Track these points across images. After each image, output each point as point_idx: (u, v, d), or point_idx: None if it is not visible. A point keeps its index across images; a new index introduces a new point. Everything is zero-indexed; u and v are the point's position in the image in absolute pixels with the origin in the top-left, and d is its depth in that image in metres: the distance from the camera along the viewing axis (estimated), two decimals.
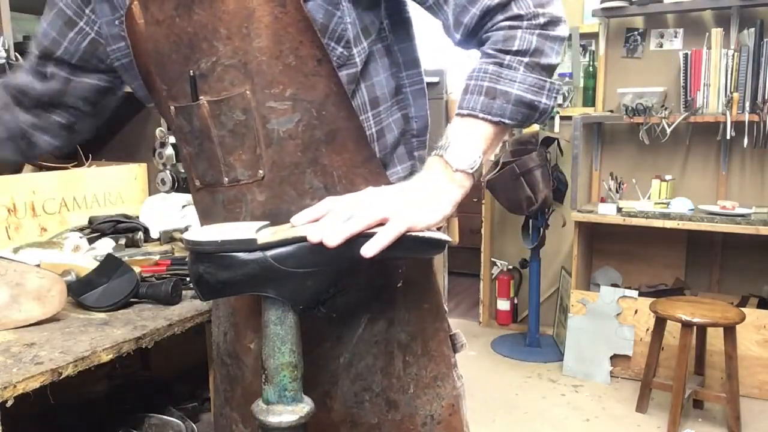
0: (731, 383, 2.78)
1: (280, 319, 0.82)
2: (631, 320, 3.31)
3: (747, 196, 3.47)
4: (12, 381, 0.99)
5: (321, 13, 0.87)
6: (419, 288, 1.02)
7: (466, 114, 0.86)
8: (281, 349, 0.82)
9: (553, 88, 0.88)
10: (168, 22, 0.90)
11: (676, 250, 3.69)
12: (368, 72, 0.94)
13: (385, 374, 1.00)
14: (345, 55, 0.90)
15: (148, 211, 2.11)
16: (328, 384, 1.00)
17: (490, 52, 0.87)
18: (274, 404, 0.83)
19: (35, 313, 1.22)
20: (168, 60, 0.93)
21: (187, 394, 1.81)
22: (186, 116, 0.95)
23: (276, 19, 0.85)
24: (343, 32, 0.89)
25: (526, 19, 0.86)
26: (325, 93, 0.89)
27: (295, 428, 0.83)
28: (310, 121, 0.89)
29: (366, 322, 0.99)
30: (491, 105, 0.85)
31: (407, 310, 1.01)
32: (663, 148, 3.57)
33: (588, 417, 3.00)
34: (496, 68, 0.85)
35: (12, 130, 1.16)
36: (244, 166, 0.92)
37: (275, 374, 0.83)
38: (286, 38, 0.86)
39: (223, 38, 0.87)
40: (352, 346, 0.99)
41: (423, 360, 1.02)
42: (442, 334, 1.05)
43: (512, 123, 0.86)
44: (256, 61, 0.87)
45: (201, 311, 1.34)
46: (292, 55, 0.87)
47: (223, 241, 0.78)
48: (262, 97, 0.88)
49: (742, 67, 3.24)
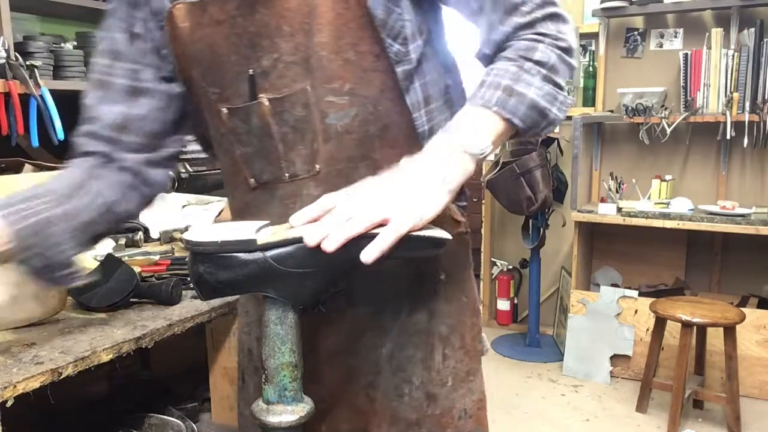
0: (731, 383, 2.78)
1: (280, 319, 0.82)
2: (631, 320, 3.31)
3: (747, 196, 3.47)
4: (12, 381, 0.99)
5: (381, 9, 0.89)
6: (458, 280, 1.04)
7: (479, 104, 0.86)
8: (281, 349, 0.82)
9: (565, 102, 0.90)
10: (229, 23, 0.90)
11: (676, 250, 3.70)
12: (422, 70, 0.96)
13: (425, 367, 1.00)
14: (402, 52, 0.92)
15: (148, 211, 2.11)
16: (372, 374, 1.01)
17: (511, 56, 0.89)
18: (274, 404, 0.83)
19: (35, 313, 1.22)
20: (225, 61, 0.92)
21: (187, 394, 1.81)
22: (242, 116, 0.94)
23: (338, 15, 0.87)
24: (401, 29, 0.91)
25: (549, 38, 0.90)
26: (380, 88, 0.91)
27: (295, 428, 0.82)
28: (366, 116, 0.91)
29: (407, 311, 0.99)
30: (506, 101, 0.86)
31: (447, 302, 1.02)
32: (663, 148, 3.57)
33: (588, 417, 3.00)
34: (517, 70, 0.87)
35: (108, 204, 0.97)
36: (303, 161, 0.93)
37: (275, 374, 0.83)
38: (347, 33, 0.88)
39: (285, 35, 0.88)
40: (394, 336, 1.00)
41: (459, 353, 1.03)
42: (477, 329, 1.06)
43: (521, 125, 0.87)
44: (317, 57, 0.88)
45: (201, 311, 1.34)
46: (351, 51, 0.88)
47: (223, 242, 0.78)
48: (322, 92, 0.89)
49: (742, 67, 3.24)
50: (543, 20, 0.90)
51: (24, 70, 1.88)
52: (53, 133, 1.93)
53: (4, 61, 1.86)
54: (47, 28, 2.56)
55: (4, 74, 1.86)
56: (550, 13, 0.91)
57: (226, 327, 1.52)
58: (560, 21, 0.92)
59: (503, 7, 0.90)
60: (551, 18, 0.91)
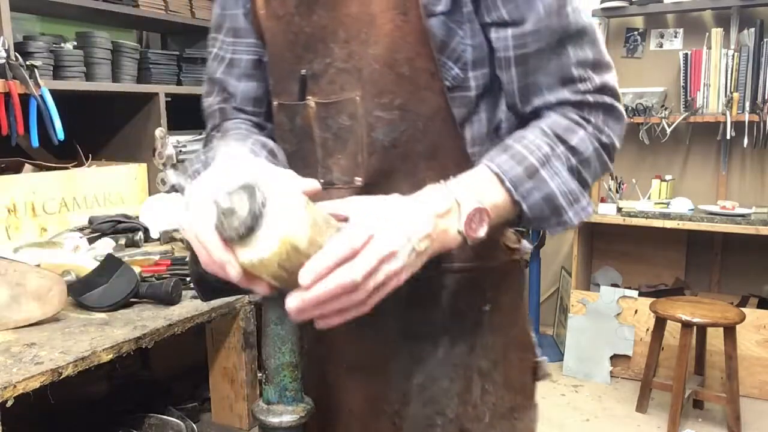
0: (731, 383, 2.78)
1: (281, 319, 0.82)
2: (631, 320, 3.31)
3: (747, 196, 3.47)
4: (12, 381, 0.99)
5: (443, 30, 0.84)
6: (507, 312, 0.96)
7: (494, 170, 0.79)
8: (282, 349, 0.82)
9: (585, 209, 0.83)
10: (287, 19, 0.89)
11: (676, 250, 3.69)
12: (485, 103, 0.89)
13: (461, 400, 0.94)
14: (460, 77, 0.86)
15: (148, 211, 2.11)
16: (398, 404, 0.95)
17: (546, 131, 0.82)
18: (274, 404, 0.83)
19: (35, 313, 1.22)
20: (280, 56, 0.92)
21: (187, 394, 1.81)
22: (289, 114, 0.93)
23: (396, 27, 0.83)
24: (462, 53, 0.85)
25: (593, 127, 0.84)
26: (433, 108, 0.86)
27: (295, 428, 0.82)
28: (415, 134, 0.86)
29: (445, 344, 0.93)
30: (522, 182, 0.78)
31: (492, 335, 0.94)
32: (663, 148, 3.57)
33: (588, 417, 2.99)
34: (549, 151, 0.80)
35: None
36: (341, 170, 0.90)
37: (276, 374, 0.83)
38: (404, 48, 0.83)
39: (340, 41, 0.86)
40: (429, 369, 0.93)
41: (502, 389, 0.96)
42: (527, 364, 0.99)
43: (527, 213, 0.80)
44: (370, 68, 0.85)
45: (201, 311, 1.34)
46: (406, 66, 0.84)
47: None
48: (371, 105, 0.86)
49: (742, 67, 3.24)
50: (595, 107, 0.83)
51: (24, 70, 1.88)
52: (53, 133, 1.93)
53: (4, 61, 1.86)
54: (47, 28, 2.56)
55: (4, 74, 1.86)
56: (606, 104, 0.84)
57: (226, 327, 1.52)
58: (613, 116, 0.85)
59: (558, 76, 0.83)
60: (605, 109, 0.84)
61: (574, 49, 0.83)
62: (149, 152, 2.21)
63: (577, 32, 0.83)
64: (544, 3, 0.81)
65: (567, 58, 0.83)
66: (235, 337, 1.51)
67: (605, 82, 0.85)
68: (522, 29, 0.82)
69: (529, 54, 0.83)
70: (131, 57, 2.36)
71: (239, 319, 1.49)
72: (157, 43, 3.08)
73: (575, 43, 0.83)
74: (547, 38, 0.81)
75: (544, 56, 0.82)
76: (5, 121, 1.85)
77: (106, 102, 2.41)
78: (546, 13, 0.81)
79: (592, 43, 0.84)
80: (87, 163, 2.28)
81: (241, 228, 0.63)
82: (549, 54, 0.82)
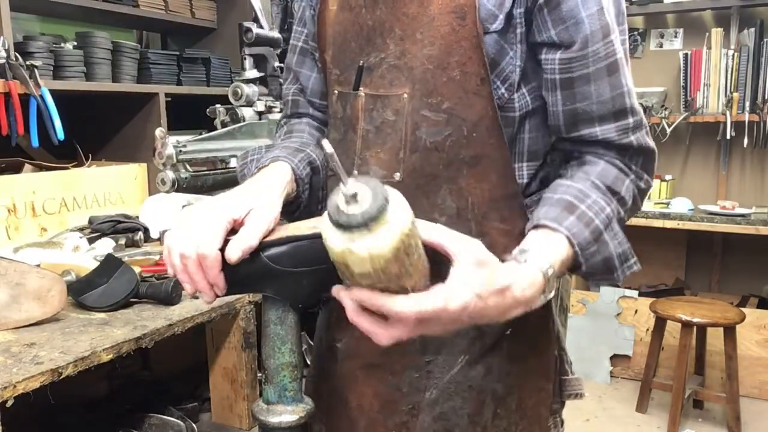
0: (731, 383, 2.78)
1: (280, 319, 0.82)
2: (631, 320, 3.31)
3: (747, 196, 3.47)
4: (12, 381, 0.99)
5: (495, 48, 0.85)
6: (529, 338, 0.94)
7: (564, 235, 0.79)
8: (281, 349, 0.82)
9: (632, 267, 0.86)
10: (357, 11, 0.92)
11: (676, 250, 3.69)
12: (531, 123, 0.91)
13: (471, 421, 0.93)
14: (505, 98, 0.87)
15: (148, 211, 2.11)
16: (407, 415, 0.95)
17: (598, 184, 0.84)
18: (274, 404, 0.83)
19: (35, 313, 1.22)
20: (348, 46, 0.94)
21: (187, 394, 1.80)
22: (343, 103, 0.96)
23: (452, 31, 0.85)
24: (511, 73, 0.87)
25: (633, 174, 0.87)
26: (480, 115, 0.87)
27: (295, 428, 0.83)
28: (459, 139, 0.87)
29: (462, 364, 0.93)
30: (589, 245, 0.80)
31: (510, 361, 0.94)
32: (663, 148, 3.57)
33: (588, 417, 2.99)
34: (609, 212, 0.82)
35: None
36: (378, 164, 0.91)
37: (275, 374, 0.83)
38: (457, 51, 0.85)
39: (396, 38, 0.88)
40: (442, 384, 0.93)
41: (515, 416, 0.95)
42: (544, 395, 0.98)
43: (584, 271, 0.81)
44: (422, 68, 0.86)
45: (201, 311, 1.34)
46: (458, 69, 0.85)
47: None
48: (419, 104, 0.87)
49: (742, 67, 3.24)
50: (637, 153, 0.87)
51: (24, 70, 1.88)
52: (53, 133, 1.93)
53: (4, 61, 1.86)
54: (47, 28, 2.56)
55: (4, 74, 1.86)
56: (646, 148, 0.87)
57: (226, 327, 1.52)
58: (650, 161, 0.88)
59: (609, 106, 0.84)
60: (644, 154, 0.87)
61: (621, 79, 0.85)
62: (149, 152, 2.21)
63: (621, 60, 0.85)
64: (592, 29, 0.82)
65: (616, 88, 0.85)
66: (235, 337, 1.51)
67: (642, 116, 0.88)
68: (569, 53, 0.83)
69: (574, 78, 0.84)
70: (131, 57, 2.36)
71: (239, 319, 1.49)
72: (157, 43, 3.08)
73: (621, 72, 0.85)
74: (593, 64, 0.83)
75: (591, 82, 0.84)
76: (5, 121, 1.85)
77: (106, 102, 2.41)
78: (592, 39, 0.83)
79: (630, 75, 0.87)
80: (87, 163, 2.28)
81: (364, 216, 0.63)
82: (597, 81, 0.84)
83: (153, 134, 2.00)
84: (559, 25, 0.83)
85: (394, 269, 0.66)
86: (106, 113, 2.44)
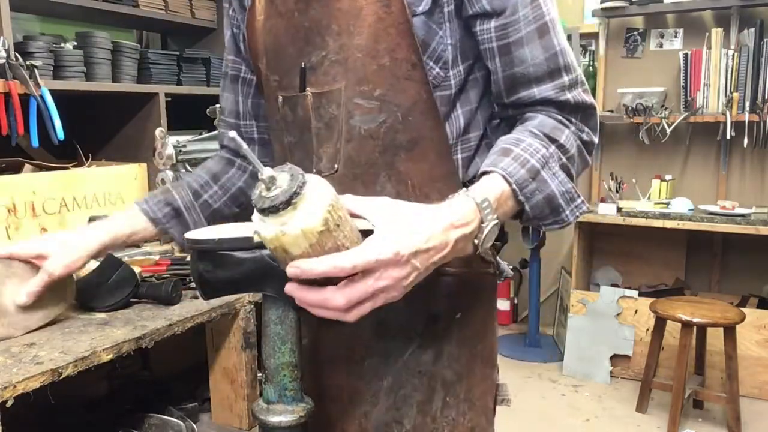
0: (731, 383, 2.78)
1: (281, 319, 0.82)
2: (631, 320, 3.31)
3: (747, 196, 3.47)
4: (12, 381, 0.99)
5: (424, 30, 0.87)
6: (477, 324, 0.97)
7: (501, 173, 0.80)
8: (281, 349, 0.82)
9: (580, 207, 0.86)
10: (288, 15, 0.94)
11: (676, 250, 3.70)
12: (467, 97, 0.93)
13: (420, 410, 0.94)
14: (441, 76, 0.90)
15: None
16: (369, 405, 0.96)
17: (536, 132, 0.86)
18: (274, 404, 0.83)
19: (54, 309, 1.22)
20: (284, 52, 0.96)
21: (187, 394, 1.80)
22: (291, 106, 0.97)
23: (378, 19, 0.87)
24: (443, 52, 0.89)
25: (574, 126, 0.88)
26: (413, 99, 0.89)
27: (295, 428, 0.82)
28: (394, 125, 0.89)
29: (414, 348, 0.94)
30: (527, 183, 0.81)
31: (459, 345, 0.95)
32: (663, 148, 3.57)
33: (588, 417, 3.00)
34: (545, 153, 0.83)
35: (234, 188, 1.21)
36: (328, 158, 0.94)
37: (275, 374, 0.83)
38: (385, 39, 0.87)
39: (333, 34, 0.90)
40: (395, 370, 0.95)
41: (464, 405, 0.96)
42: (489, 383, 1.00)
43: (529, 213, 0.83)
44: (353, 58, 0.89)
45: (201, 311, 1.34)
46: (387, 56, 0.87)
47: (220, 240, 0.79)
48: (352, 93, 0.89)
49: (742, 67, 3.24)
50: (575, 109, 0.88)
51: (24, 70, 1.88)
52: (53, 133, 1.93)
53: (4, 61, 1.86)
54: (47, 28, 2.55)
55: (4, 74, 1.86)
56: (583, 103, 0.89)
57: (226, 327, 1.52)
58: (589, 114, 0.90)
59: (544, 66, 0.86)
60: (583, 110, 0.89)
61: (552, 40, 0.87)
62: (149, 152, 2.21)
63: (551, 22, 0.87)
64: None
65: (548, 49, 0.87)
66: (235, 337, 1.50)
67: (579, 72, 0.90)
68: (502, 19, 0.86)
69: (510, 43, 0.87)
70: (131, 57, 2.36)
71: (239, 319, 1.49)
72: (157, 43, 3.08)
73: (552, 34, 0.87)
74: (524, 28, 0.86)
75: (525, 46, 0.87)
76: (5, 121, 1.85)
77: (106, 102, 2.41)
78: (522, 3, 0.86)
79: (563, 36, 0.89)
80: (87, 163, 2.28)
81: (286, 195, 0.66)
82: (530, 44, 0.87)
83: (153, 134, 2.00)
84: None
85: (329, 242, 0.68)
86: (106, 113, 2.44)
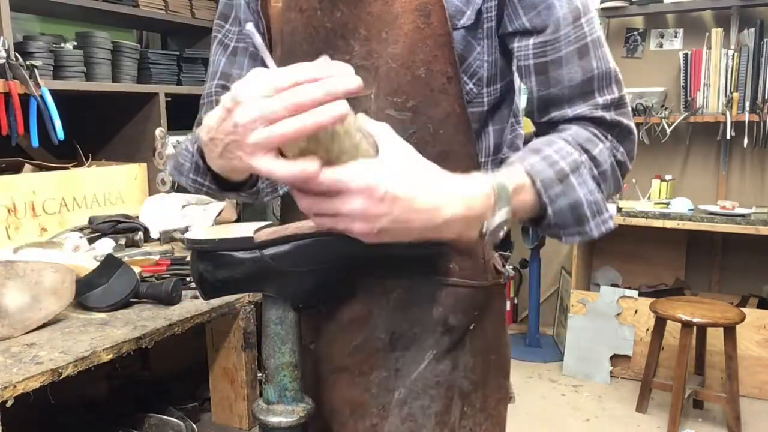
0: (731, 383, 2.78)
1: (281, 319, 0.82)
2: (631, 320, 3.31)
3: (747, 196, 3.47)
4: (12, 381, 0.99)
5: (462, 44, 0.85)
6: (490, 335, 0.96)
7: (527, 170, 0.76)
8: (281, 349, 0.82)
9: (606, 222, 0.82)
10: (309, 13, 0.90)
11: (676, 250, 3.69)
12: (498, 116, 0.91)
13: (438, 421, 0.92)
14: (473, 92, 0.87)
15: (148, 211, 2.11)
16: (377, 417, 0.94)
17: (569, 140, 0.81)
18: (274, 404, 0.83)
19: (53, 308, 1.23)
20: (299, 49, 0.92)
21: (187, 394, 1.81)
22: None
23: (416, 29, 0.84)
24: (478, 68, 0.87)
25: (609, 142, 0.84)
26: (446, 112, 0.86)
27: (295, 428, 0.83)
28: (425, 137, 0.87)
29: (430, 359, 0.92)
30: (552, 185, 0.77)
31: (474, 356, 0.94)
32: (663, 148, 3.57)
33: (588, 417, 2.99)
34: (577, 158, 0.79)
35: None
36: None
37: (275, 374, 0.83)
38: (422, 50, 0.84)
39: (360, 39, 0.87)
40: (410, 382, 0.93)
41: (480, 416, 0.95)
42: (503, 393, 0.99)
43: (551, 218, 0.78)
44: (387, 67, 0.86)
45: (201, 311, 1.34)
46: (423, 68, 0.85)
47: (220, 240, 0.78)
48: (383, 104, 0.87)
49: (742, 67, 3.24)
50: (611, 126, 0.84)
51: (24, 70, 1.88)
52: (53, 133, 1.93)
53: (4, 61, 1.86)
54: (47, 28, 2.56)
55: (4, 74, 1.86)
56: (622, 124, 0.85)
57: (226, 327, 1.52)
58: (627, 138, 0.86)
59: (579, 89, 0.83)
60: (620, 129, 0.85)
61: (592, 61, 0.84)
62: (149, 152, 2.21)
63: (593, 42, 0.84)
64: (562, 12, 0.82)
65: (587, 71, 0.83)
66: (235, 337, 1.51)
67: (623, 96, 0.86)
68: (542, 37, 0.83)
69: (548, 62, 0.84)
70: (131, 57, 2.36)
71: (239, 319, 1.49)
72: (157, 43, 3.08)
73: (592, 55, 0.84)
74: (564, 47, 0.83)
75: (563, 66, 0.83)
76: (5, 121, 1.85)
77: (106, 102, 2.41)
78: (564, 22, 0.82)
79: (606, 57, 0.85)
80: (87, 163, 2.28)
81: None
82: (569, 64, 0.83)
83: (153, 134, 2.01)
84: (530, 12, 0.83)
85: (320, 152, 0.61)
86: (106, 113, 2.44)
